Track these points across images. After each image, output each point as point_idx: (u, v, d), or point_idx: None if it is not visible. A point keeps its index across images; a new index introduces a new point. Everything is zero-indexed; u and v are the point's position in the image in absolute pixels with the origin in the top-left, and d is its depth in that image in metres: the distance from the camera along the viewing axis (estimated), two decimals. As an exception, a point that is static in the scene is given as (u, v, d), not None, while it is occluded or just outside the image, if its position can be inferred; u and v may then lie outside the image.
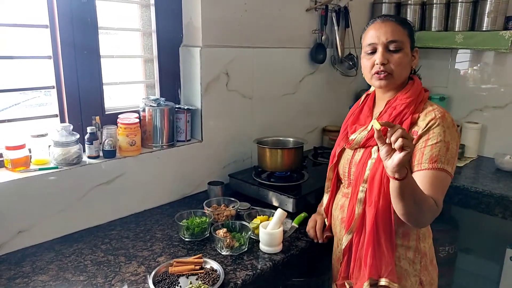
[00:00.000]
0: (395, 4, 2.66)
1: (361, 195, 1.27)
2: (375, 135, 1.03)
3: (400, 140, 0.96)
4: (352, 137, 1.34)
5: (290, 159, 1.87)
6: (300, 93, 2.39)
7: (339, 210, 1.39)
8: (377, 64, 1.25)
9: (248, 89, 2.10)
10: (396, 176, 1.02)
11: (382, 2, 2.66)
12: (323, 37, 2.42)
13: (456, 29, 2.41)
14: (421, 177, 1.15)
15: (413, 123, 1.22)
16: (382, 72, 1.25)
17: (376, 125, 1.02)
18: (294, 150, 1.89)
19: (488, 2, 2.27)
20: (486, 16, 2.29)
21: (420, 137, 1.19)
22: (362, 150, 1.31)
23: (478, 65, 2.50)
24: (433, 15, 2.49)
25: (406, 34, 1.26)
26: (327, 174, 1.46)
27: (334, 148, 1.45)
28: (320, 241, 1.48)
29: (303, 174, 1.94)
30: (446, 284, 2.48)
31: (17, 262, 1.33)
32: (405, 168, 1.02)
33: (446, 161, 1.15)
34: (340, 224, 1.38)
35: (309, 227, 1.53)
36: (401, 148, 0.97)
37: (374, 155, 1.25)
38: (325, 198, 1.47)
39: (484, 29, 2.30)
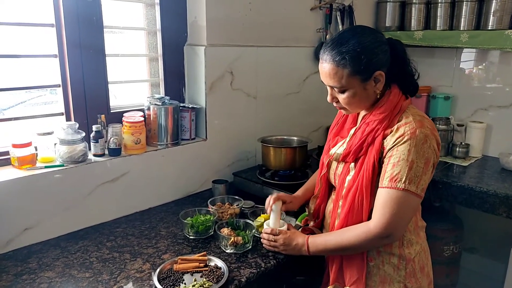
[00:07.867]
0: (400, 3, 2.65)
1: (339, 210, 1.28)
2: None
3: (271, 248, 1.37)
4: (331, 151, 1.33)
5: (294, 158, 1.87)
6: (305, 92, 2.39)
7: (328, 214, 1.39)
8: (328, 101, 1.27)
9: (252, 88, 2.10)
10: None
11: (386, 1, 2.65)
12: (327, 36, 2.42)
13: (461, 28, 2.39)
14: (378, 194, 1.17)
15: (386, 138, 1.18)
16: (337, 107, 1.28)
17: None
18: (298, 149, 1.89)
19: (494, 1, 2.25)
20: (491, 15, 2.27)
21: (386, 153, 1.17)
22: (342, 164, 1.30)
23: (483, 64, 2.49)
24: (438, 14, 2.48)
25: (346, 74, 1.16)
26: (316, 183, 1.44)
27: (322, 156, 1.42)
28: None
29: (307, 173, 1.94)
30: (451, 283, 2.47)
31: (24, 259, 1.35)
32: (296, 247, 1.30)
33: (408, 180, 1.11)
34: (329, 229, 1.37)
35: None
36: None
37: (352, 172, 1.25)
38: (311, 202, 1.46)
39: (489, 28, 2.29)
